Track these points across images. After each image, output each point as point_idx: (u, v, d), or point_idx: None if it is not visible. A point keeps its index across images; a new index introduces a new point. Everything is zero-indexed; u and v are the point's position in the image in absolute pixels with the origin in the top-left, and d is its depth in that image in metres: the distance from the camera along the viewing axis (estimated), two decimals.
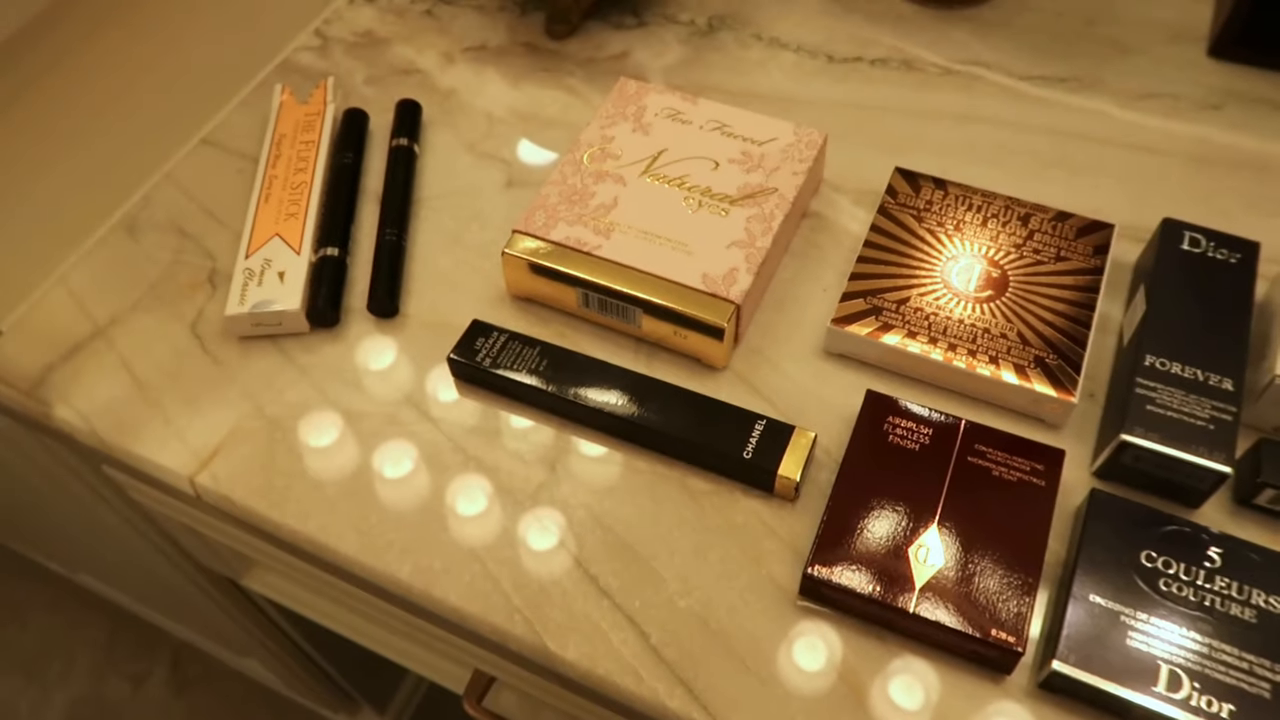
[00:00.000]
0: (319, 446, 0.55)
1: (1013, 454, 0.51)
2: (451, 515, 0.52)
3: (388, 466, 0.54)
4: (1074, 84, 0.70)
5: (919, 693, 0.46)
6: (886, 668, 0.47)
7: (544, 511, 0.52)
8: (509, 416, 0.56)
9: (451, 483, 0.53)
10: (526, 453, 0.54)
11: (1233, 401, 0.50)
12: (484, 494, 0.53)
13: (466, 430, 0.55)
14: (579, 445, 0.55)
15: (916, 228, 0.59)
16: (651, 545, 0.51)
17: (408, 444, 0.55)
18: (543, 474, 0.54)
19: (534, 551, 0.51)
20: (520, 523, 0.52)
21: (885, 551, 0.48)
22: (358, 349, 0.59)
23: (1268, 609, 0.45)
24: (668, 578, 0.50)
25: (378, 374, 0.58)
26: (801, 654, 0.47)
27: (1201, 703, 0.43)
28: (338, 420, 0.56)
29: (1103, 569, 0.47)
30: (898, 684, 0.46)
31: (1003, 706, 0.46)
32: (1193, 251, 0.56)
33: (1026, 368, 0.53)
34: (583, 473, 0.54)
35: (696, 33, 0.75)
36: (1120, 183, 0.65)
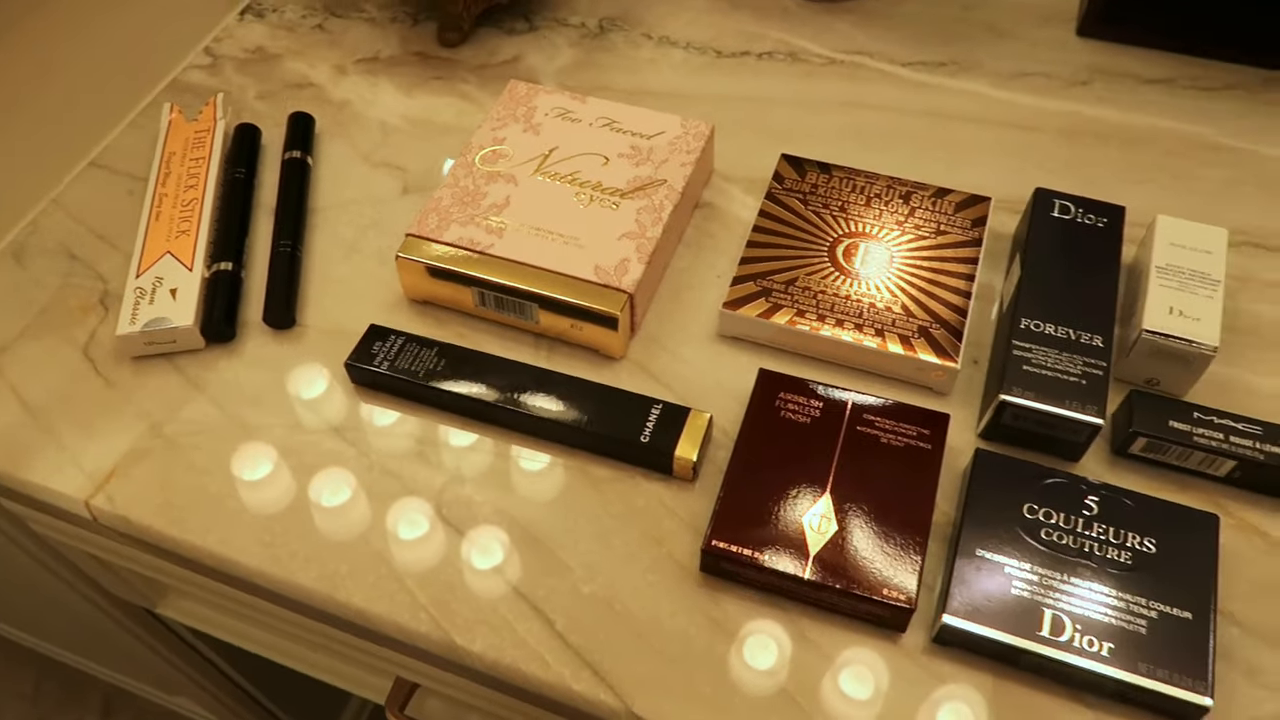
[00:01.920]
0: (218, 462, 0.55)
1: (900, 421, 0.52)
2: (354, 520, 0.52)
3: (288, 476, 0.54)
4: (952, 68, 0.73)
5: (820, 656, 0.47)
6: (787, 633, 0.48)
7: (447, 509, 0.52)
8: (411, 418, 0.56)
9: (354, 488, 0.53)
10: (429, 453, 0.55)
11: (1103, 357, 0.52)
12: (388, 496, 0.53)
13: (369, 435, 0.55)
14: (480, 442, 0.55)
15: (803, 211, 0.61)
16: (555, 534, 0.52)
17: (309, 452, 0.55)
18: (445, 472, 0.54)
19: (438, 549, 0.51)
20: (424, 522, 0.52)
21: (780, 522, 0.49)
22: (255, 362, 0.59)
23: (1142, 550, 0.47)
24: (572, 565, 0.50)
25: (276, 385, 0.58)
26: (705, 628, 0.48)
27: (1083, 643, 0.45)
28: (236, 434, 0.56)
29: (988, 524, 0.49)
30: (799, 649, 0.47)
31: (900, 663, 0.47)
32: (1063, 218, 0.58)
33: (911, 338, 0.55)
34: (484, 468, 0.54)
35: (588, 35, 0.77)
36: (998, 158, 0.67)
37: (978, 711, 0.46)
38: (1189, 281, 0.54)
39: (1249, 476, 0.51)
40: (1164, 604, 0.46)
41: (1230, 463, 0.50)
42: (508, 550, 0.51)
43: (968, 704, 0.46)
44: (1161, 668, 0.44)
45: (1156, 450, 0.52)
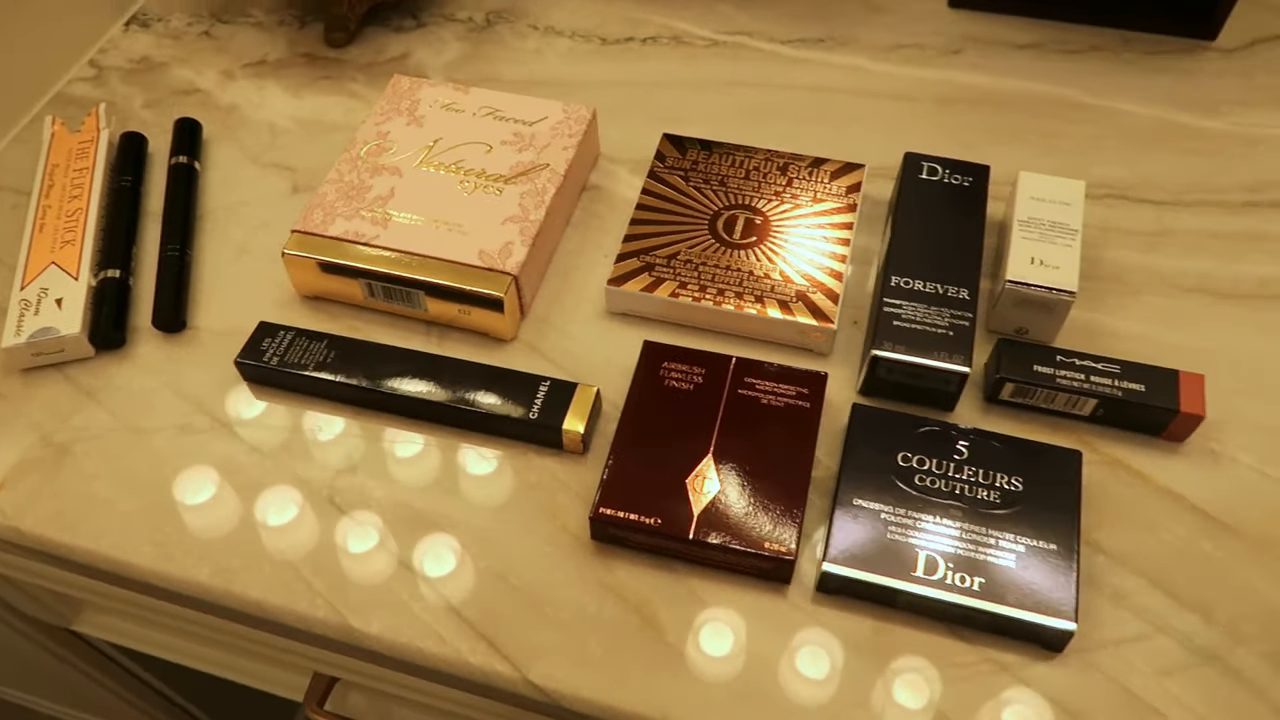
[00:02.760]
0: (110, 467, 0.55)
1: (780, 383, 0.54)
2: (248, 513, 0.53)
3: (181, 476, 0.54)
4: (830, 43, 0.75)
5: (709, 612, 0.49)
6: (678, 593, 0.49)
7: (341, 497, 0.53)
8: (304, 412, 0.56)
9: (247, 483, 0.54)
10: (323, 444, 0.55)
11: (969, 309, 0.54)
12: (281, 489, 0.53)
13: (261, 431, 0.56)
14: (374, 430, 0.56)
15: (684, 187, 0.63)
16: (449, 514, 0.52)
17: (201, 451, 0.55)
18: (338, 461, 0.54)
19: (334, 537, 0.52)
20: (320, 512, 0.53)
21: (666, 486, 0.50)
22: (147, 367, 0.59)
23: (1009, 489, 0.50)
24: (467, 542, 0.51)
25: (168, 388, 0.58)
26: (598, 594, 0.49)
27: (956, 580, 0.47)
28: (128, 438, 0.56)
29: (864, 474, 0.50)
30: (689, 608, 0.49)
31: (787, 613, 0.49)
32: (931, 180, 0.61)
33: (790, 303, 0.57)
34: (378, 454, 0.55)
35: (474, 28, 0.77)
36: (876, 128, 0.69)
37: (862, 653, 0.47)
38: (1049, 232, 0.57)
39: (1111, 413, 0.53)
40: (1031, 538, 0.48)
41: (1092, 401, 0.53)
42: (403, 533, 0.52)
43: (851, 647, 0.47)
44: (1029, 598, 0.46)
45: (1024, 394, 0.54)
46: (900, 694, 0.46)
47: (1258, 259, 0.61)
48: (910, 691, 0.46)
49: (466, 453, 0.54)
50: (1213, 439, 0.53)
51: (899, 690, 0.46)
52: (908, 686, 0.46)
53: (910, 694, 0.46)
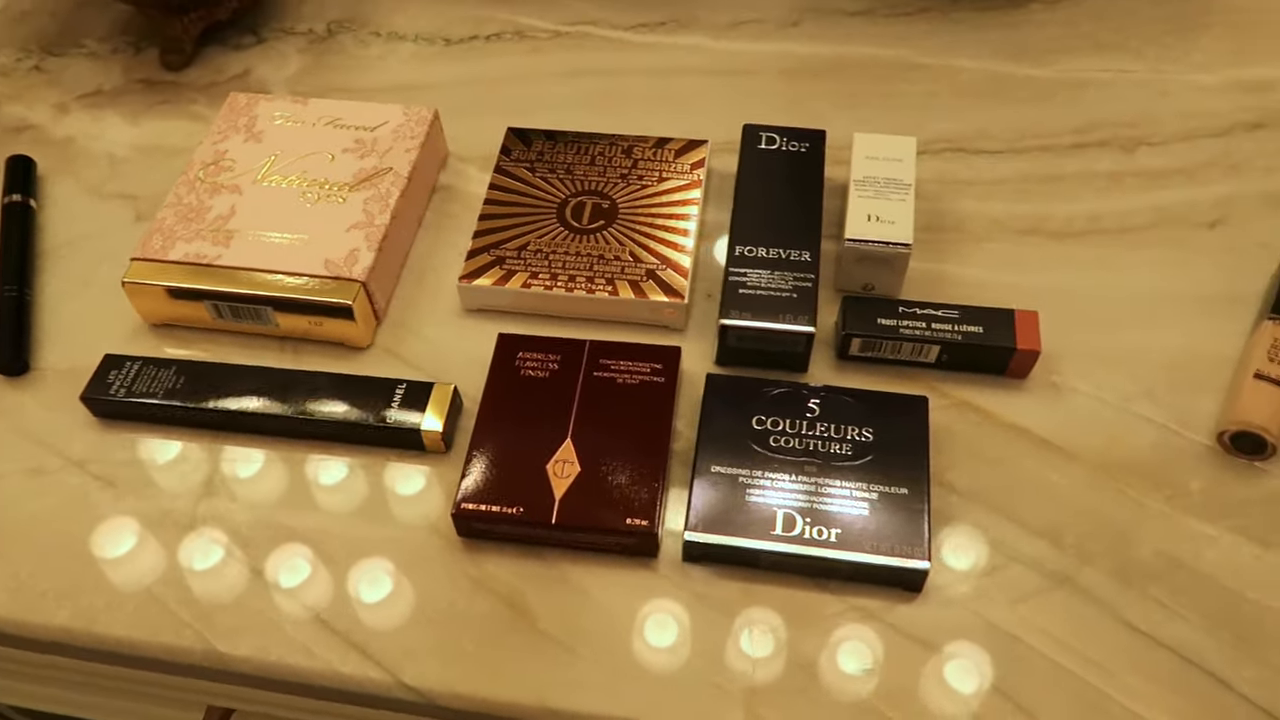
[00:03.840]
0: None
1: (634, 361, 0.54)
2: (106, 550, 0.51)
3: (35, 518, 0.52)
4: (672, 25, 0.76)
5: (580, 594, 0.49)
6: (548, 580, 0.49)
7: (203, 523, 0.52)
8: (156, 442, 0.55)
9: (102, 519, 0.52)
10: (179, 472, 0.54)
11: (811, 270, 0.56)
12: (139, 521, 0.52)
13: (113, 465, 0.54)
14: (230, 452, 0.55)
15: (530, 178, 0.63)
16: (312, 527, 0.52)
17: (55, 492, 0.53)
18: (198, 488, 0.53)
19: (195, 563, 0.51)
20: (179, 540, 0.51)
21: (527, 475, 0.50)
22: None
23: (860, 440, 0.51)
24: (332, 553, 0.51)
25: (14, 431, 0.56)
26: (468, 590, 0.49)
27: (813, 534, 0.48)
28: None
29: (721, 441, 0.51)
30: (560, 592, 0.49)
31: (657, 585, 0.49)
32: (769, 149, 0.62)
33: (640, 282, 0.57)
34: (238, 477, 0.54)
35: (316, 40, 0.77)
36: (722, 105, 0.70)
37: (731, 616, 0.48)
38: (884, 189, 0.58)
39: (955, 357, 0.55)
40: (884, 485, 0.49)
41: (936, 348, 0.54)
42: (266, 551, 0.51)
43: (720, 611, 0.48)
44: (885, 543, 0.47)
45: (873, 348, 0.55)
46: (771, 651, 0.47)
47: (1087, 196, 0.63)
48: (780, 648, 0.47)
49: (326, 464, 0.54)
50: (1054, 372, 0.55)
51: (770, 648, 0.47)
52: (778, 643, 0.47)
53: (780, 650, 0.47)
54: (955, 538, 0.50)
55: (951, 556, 0.49)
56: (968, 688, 0.45)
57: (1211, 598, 0.48)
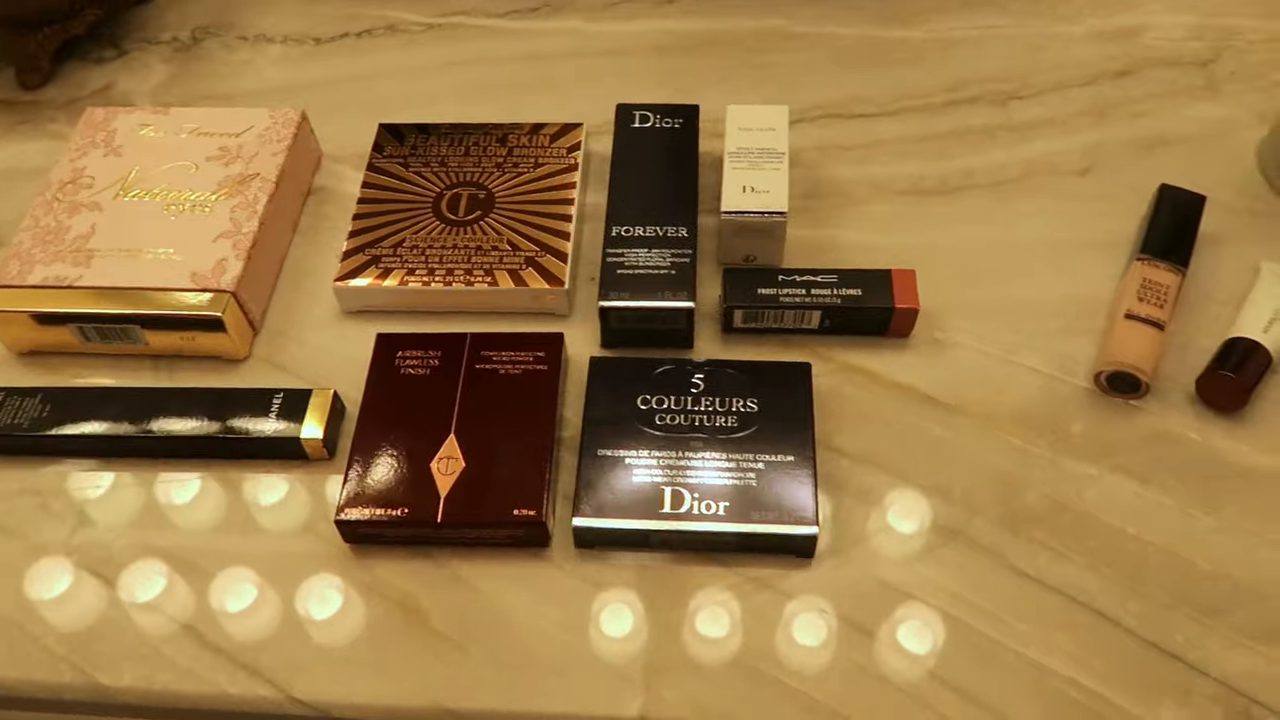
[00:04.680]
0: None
1: (517, 350, 0.54)
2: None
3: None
4: (546, 10, 0.75)
5: (472, 592, 0.48)
6: (439, 579, 0.48)
7: (79, 555, 0.50)
8: (26, 474, 0.53)
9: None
10: (52, 503, 0.52)
11: (689, 245, 0.55)
12: (12, 558, 0.50)
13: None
14: (106, 478, 0.53)
15: (404, 174, 0.61)
16: (200, 549, 0.50)
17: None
18: (72, 518, 0.51)
19: (74, 596, 0.49)
20: (56, 573, 0.49)
21: (411, 475, 0.49)
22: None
23: (745, 411, 0.51)
24: (215, 573, 0.49)
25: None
26: (359, 597, 0.48)
27: (701, 508, 0.48)
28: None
29: (607, 424, 0.51)
30: (452, 591, 0.48)
31: (551, 575, 0.48)
32: (644, 127, 0.61)
33: (520, 270, 0.57)
34: (114, 504, 0.52)
35: (180, 49, 0.74)
36: (599, 86, 0.69)
37: (626, 597, 0.47)
38: (758, 160, 0.58)
39: (837, 321, 0.55)
40: (770, 454, 0.49)
41: (817, 313, 0.54)
42: (149, 579, 0.49)
43: (614, 595, 0.48)
44: (772, 512, 0.47)
45: (755, 319, 0.55)
46: (666, 630, 0.46)
47: (961, 153, 0.64)
48: (677, 625, 0.47)
49: (210, 484, 0.52)
50: (936, 328, 0.56)
51: (665, 628, 0.46)
52: (674, 622, 0.47)
53: (677, 628, 0.46)
54: (845, 500, 0.50)
55: (843, 520, 0.49)
56: (862, 648, 0.46)
57: (1095, 537, 0.48)
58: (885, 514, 0.49)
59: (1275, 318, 0.53)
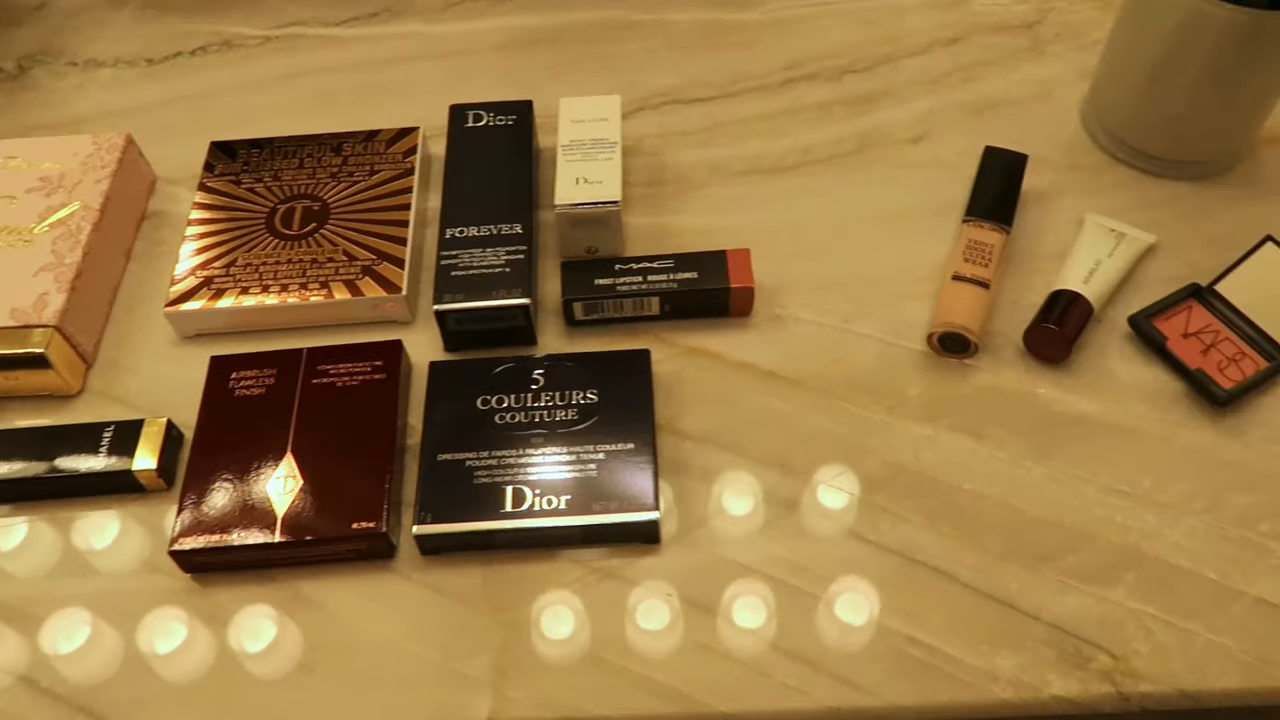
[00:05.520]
0: None
1: (355, 361, 0.53)
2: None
3: None
4: (385, 15, 0.74)
5: (317, 610, 0.47)
6: (282, 600, 0.48)
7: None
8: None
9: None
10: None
11: (523, 242, 0.55)
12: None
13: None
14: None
15: (237, 192, 0.60)
16: (30, 594, 0.48)
17: None
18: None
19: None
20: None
21: (247, 497, 0.48)
22: None
23: (585, 402, 0.51)
24: (50, 618, 0.48)
25: None
26: (200, 628, 0.47)
27: (543, 504, 0.47)
28: None
29: (447, 428, 0.50)
30: (297, 611, 0.47)
31: (396, 585, 0.48)
32: (477, 126, 0.61)
33: (356, 280, 0.56)
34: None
35: (6, 78, 0.72)
36: (439, 89, 0.68)
37: (473, 600, 0.47)
38: (591, 151, 0.58)
39: (677, 306, 0.55)
40: (610, 444, 0.49)
41: (656, 299, 0.55)
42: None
43: (460, 600, 0.47)
44: (614, 501, 0.47)
45: (597, 310, 0.55)
46: (514, 629, 0.46)
47: (798, 130, 0.65)
48: (524, 623, 0.46)
49: (43, 526, 0.51)
50: (777, 305, 0.56)
51: (513, 626, 0.46)
52: (521, 621, 0.46)
53: (524, 626, 0.46)
54: (689, 482, 0.50)
55: (688, 503, 0.50)
56: (705, 627, 0.46)
57: (933, 496, 0.49)
58: (728, 492, 0.50)
59: (1096, 268, 0.54)
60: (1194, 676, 0.44)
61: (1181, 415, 0.51)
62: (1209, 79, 0.55)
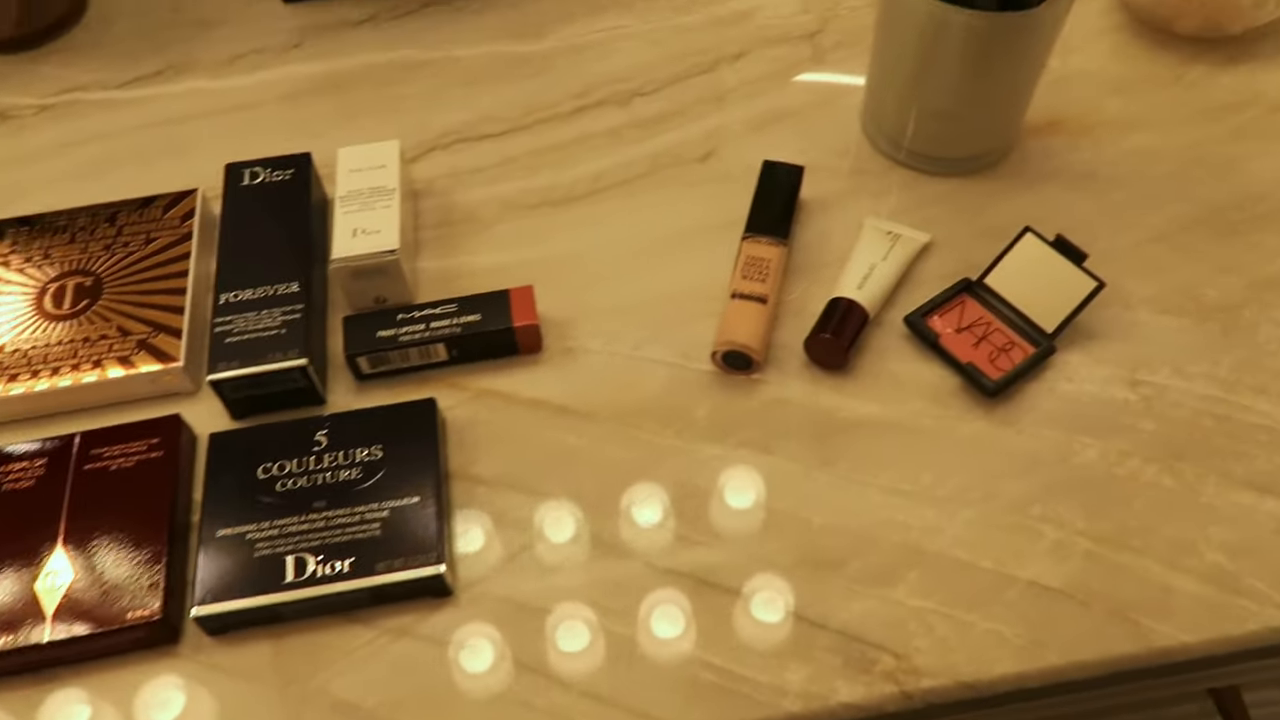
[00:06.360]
0: None
1: (130, 441, 0.51)
2: None
3: None
4: (169, 73, 0.72)
5: (95, 711, 0.45)
6: (57, 705, 0.46)
7: None
8: None
9: None
10: None
11: (300, 300, 0.54)
12: None
13: None
14: None
15: (5, 275, 0.58)
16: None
17: None
18: None
19: None
20: None
21: (10, 598, 0.46)
22: None
23: (368, 459, 0.50)
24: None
25: None
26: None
27: (326, 570, 0.47)
28: None
29: (227, 501, 0.49)
30: (75, 715, 0.45)
31: (182, 669, 0.46)
32: (254, 184, 0.59)
33: (131, 356, 0.54)
34: None
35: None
36: (226, 145, 0.66)
37: (262, 677, 0.46)
38: (370, 200, 0.57)
39: (465, 350, 0.55)
40: (396, 500, 0.48)
41: (441, 346, 0.54)
42: None
43: (247, 678, 0.46)
44: (398, 559, 0.47)
45: (383, 363, 0.54)
46: (305, 703, 0.45)
47: (589, 157, 0.65)
48: (316, 694, 0.45)
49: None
50: (568, 338, 0.56)
51: (303, 699, 0.45)
52: (312, 692, 0.45)
53: (316, 697, 0.45)
54: (481, 529, 0.50)
55: (482, 549, 0.49)
56: (500, 673, 0.46)
57: (724, 515, 0.50)
58: (521, 534, 0.50)
59: (870, 272, 0.56)
60: (972, 667, 0.45)
61: (959, 409, 0.53)
62: (963, 77, 0.57)
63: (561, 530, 0.50)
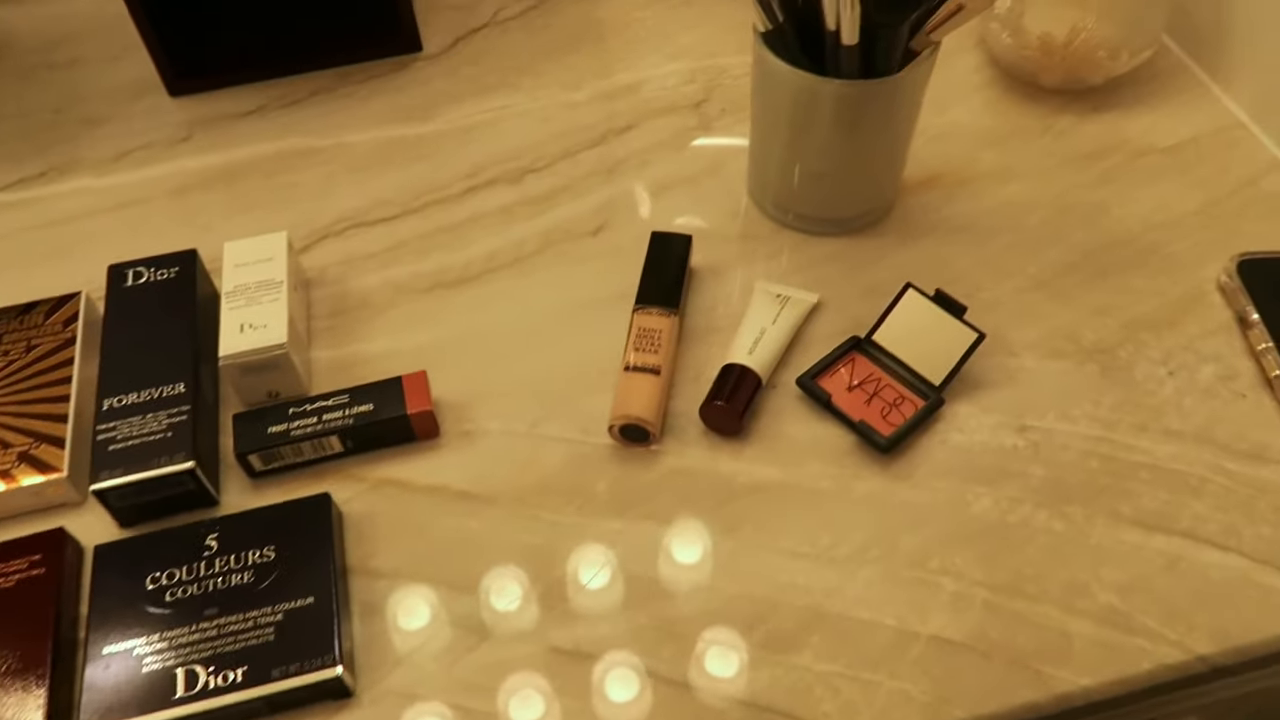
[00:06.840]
0: None
1: (10, 560, 0.49)
2: None
3: None
4: (51, 174, 0.71)
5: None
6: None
7: None
8: None
9: None
10: None
11: (185, 402, 0.53)
12: None
13: None
14: None
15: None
16: None
17: None
18: None
19: None
20: None
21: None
22: None
23: (261, 561, 0.49)
24: None
25: None
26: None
27: (219, 681, 0.45)
28: None
29: (114, 616, 0.47)
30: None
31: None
32: (138, 284, 0.59)
33: (12, 469, 0.52)
34: None
35: None
36: (113, 245, 0.65)
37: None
38: (257, 294, 0.56)
39: (359, 440, 0.54)
40: (289, 602, 0.47)
41: (335, 438, 0.53)
42: None
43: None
44: (294, 663, 0.45)
45: (276, 459, 0.53)
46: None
47: (482, 237, 0.65)
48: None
49: None
50: (465, 420, 0.56)
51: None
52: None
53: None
54: (384, 624, 0.49)
55: (383, 645, 0.48)
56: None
57: (628, 591, 0.50)
58: (423, 627, 0.49)
59: (761, 336, 0.57)
60: None
61: (855, 467, 0.54)
62: (838, 140, 0.59)
63: (463, 621, 0.49)
